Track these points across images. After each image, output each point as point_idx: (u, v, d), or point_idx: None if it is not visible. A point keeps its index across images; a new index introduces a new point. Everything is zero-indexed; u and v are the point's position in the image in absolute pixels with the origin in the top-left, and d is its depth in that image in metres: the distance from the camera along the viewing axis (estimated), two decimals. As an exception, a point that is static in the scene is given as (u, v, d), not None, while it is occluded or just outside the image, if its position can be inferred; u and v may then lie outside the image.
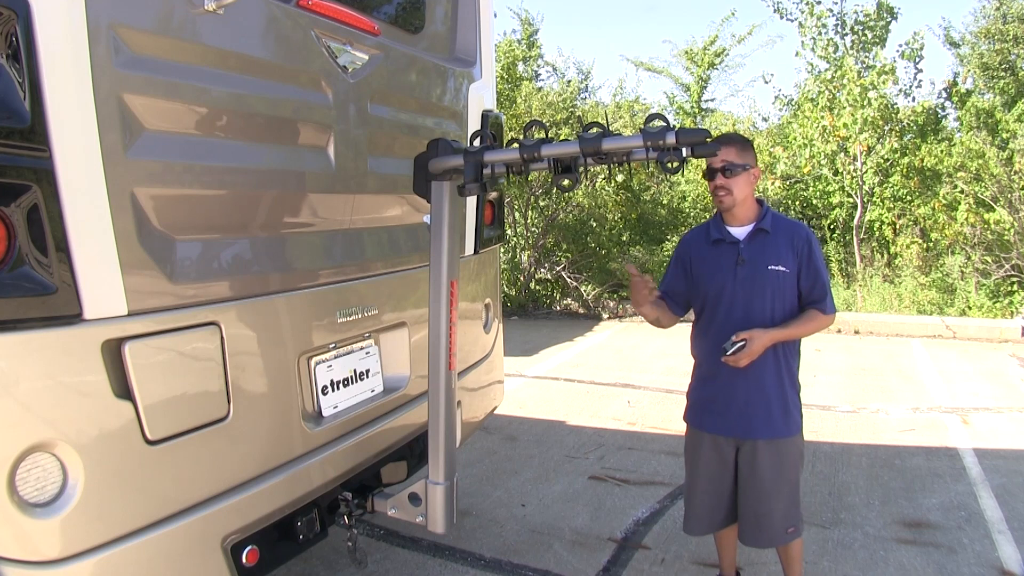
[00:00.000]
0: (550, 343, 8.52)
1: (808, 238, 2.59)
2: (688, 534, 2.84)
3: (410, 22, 2.96)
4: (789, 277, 2.56)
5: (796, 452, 2.65)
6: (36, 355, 1.56)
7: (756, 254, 2.57)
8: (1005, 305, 9.14)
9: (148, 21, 1.78)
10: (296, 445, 2.26)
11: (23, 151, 1.49)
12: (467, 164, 2.20)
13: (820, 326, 2.60)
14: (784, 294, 2.57)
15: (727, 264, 2.60)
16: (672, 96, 16.14)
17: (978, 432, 5.14)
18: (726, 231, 2.64)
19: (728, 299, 2.60)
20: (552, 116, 10.57)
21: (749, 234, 2.60)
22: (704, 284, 2.67)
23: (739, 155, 2.53)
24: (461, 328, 2.85)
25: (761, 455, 2.59)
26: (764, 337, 2.49)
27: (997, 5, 12.56)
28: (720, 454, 2.67)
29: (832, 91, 10.40)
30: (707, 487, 2.73)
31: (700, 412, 2.73)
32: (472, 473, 4.41)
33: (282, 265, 2.28)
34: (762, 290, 2.56)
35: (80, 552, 1.63)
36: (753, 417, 2.58)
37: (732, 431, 2.63)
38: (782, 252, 2.56)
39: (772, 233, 2.59)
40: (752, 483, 2.62)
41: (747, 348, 2.47)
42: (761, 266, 2.56)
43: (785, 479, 2.61)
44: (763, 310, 2.56)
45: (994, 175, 9.46)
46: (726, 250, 2.62)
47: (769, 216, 2.62)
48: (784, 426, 2.60)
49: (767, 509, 2.62)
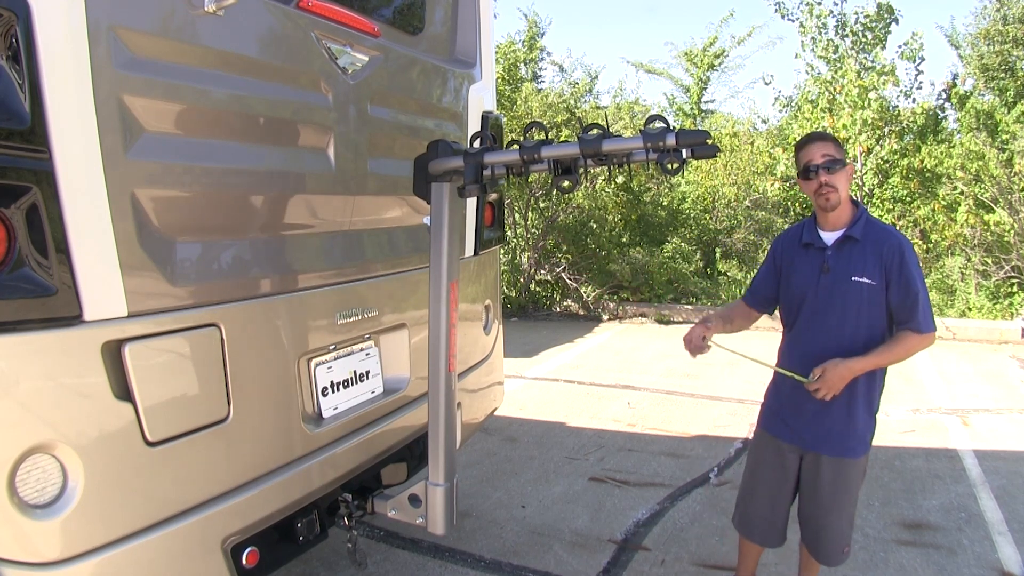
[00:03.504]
0: (550, 344, 8.52)
1: (900, 248, 2.38)
2: (737, 530, 2.80)
3: (410, 23, 2.96)
4: (875, 290, 2.38)
5: (858, 473, 2.55)
6: (36, 356, 1.56)
7: (842, 263, 2.43)
8: (1005, 307, 9.14)
9: (148, 22, 1.78)
10: (296, 446, 2.26)
11: (23, 152, 1.49)
12: (467, 165, 2.20)
13: (915, 348, 2.38)
14: (870, 308, 2.40)
15: (812, 271, 2.49)
16: (672, 97, 16.17)
17: (978, 433, 5.14)
18: (817, 235, 2.50)
19: (809, 308, 2.50)
20: (552, 117, 10.57)
21: (837, 241, 2.45)
22: (789, 289, 2.58)
23: (837, 149, 2.42)
24: (461, 329, 2.85)
25: (824, 470, 2.51)
26: (841, 369, 2.36)
27: (997, 6, 12.56)
28: (782, 460, 2.60)
29: (831, 92, 10.41)
30: (765, 492, 2.68)
31: (769, 415, 2.68)
32: (472, 474, 4.40)
33: (282, 266, 2.28)
34: (843, 302, 2.42)
35: (80, 553, 1.63)
36: (819, 430, 2.49)
37: (797, 440, 2.55)
38: (869, 262, 2.39)
39: (861, 241, 2.42)
40: (813, 495, 2.56)
41: (825, 380, 2.37)
42: (845, 276, 2.41)
43: (844, 498, 2.53)
44: (843, 324, 2.42)
45: (994, 176, 9.47)
46: (814, 256, 2.50)
47: (862, 222, 2.45)
48: (848, 446, 2.49)
49: (824, 524, 2.56)
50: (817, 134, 2.52)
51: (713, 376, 6.65)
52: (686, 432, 5.23)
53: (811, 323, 2.50)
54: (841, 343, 2.43)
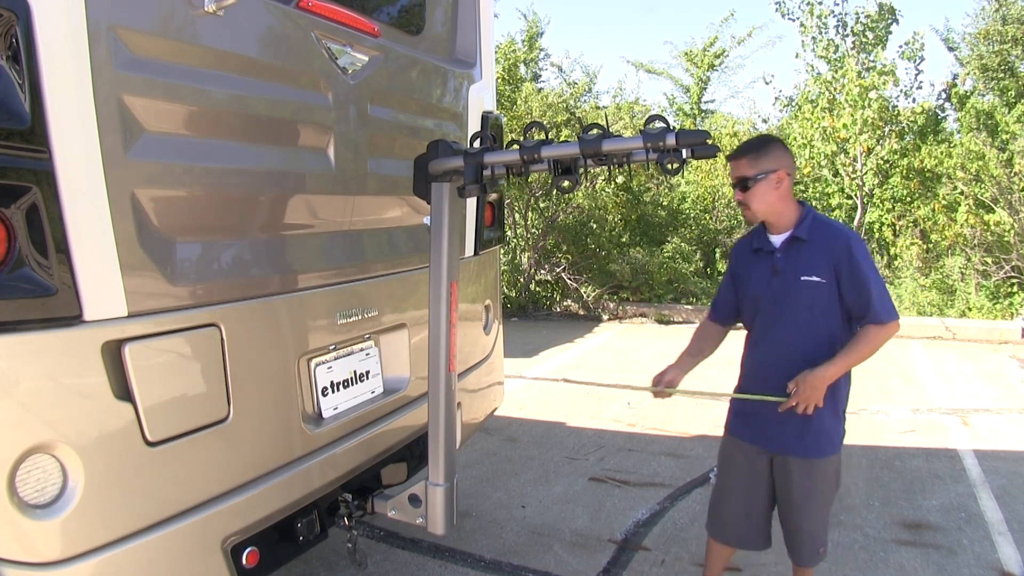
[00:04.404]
0: (550, 344, 8.52)
1: (847, 244, 2.38)
2: (709, 534, 2.79)
3: (410, 23, 2.96)
4: (826, 288, 2.38)
5: (830, 474, 2.53)
6: (36, 356, 1.56)
7: (791, 264, 2.44)
8: (1005, 306, 9.14)
9: (148, 22, 1.78)
10: (296, 446, 2.26)
11: (23, 152, 1.49)
12: (467, 165, 2.20)
13: (880, 341, 2.38)
14: (824, 307, 2.40)
15: (764, 275, 2.50)
16: (672, 97, 16.18)
17: (978, 433, 5.14)
18: (766, 239, 2.52)
19: (764, 312, 2.51)
20: (552, 117, 10.57)
21: (785, 243, 2.46)
22: (745, 295, 2.59)
23: (751, 165, 2.40)
24: (461, 329, 2.85)
25: (794, 472, 2.50)
26: (812, 379, 2.34)
27: (996, 7, 12.56)
28: (752, 463, 2.60)
29: (831, 92, 10.41)
30: (735, 496, 2.67)
31: (734, 419, 2.68)
32: (472, 474, 4.40)
33: (282, 266, 2.28)
34: (796, 303, 2.42)
35: (80, 553, 1.63)
36: (786, 433, 2.48)
37: (763, 443, 2.55)
38: (817, 261, 2.39)
39: (809, 241, 2.42)
40: (786, 497, 2.55)
41: (800, 394, 2.35)
42: (795, 277, 2.42)
43: (816, 500, 2.51)
44: (799, 325, 2.42)
45: (994, 176, 9.47)
46: (764, 260, 2.51)
47: (808, 221, 2.45)
48: (816, 446, 2.47)
49: (798, 526, 2.56)
50: (734, 152, 2.50)
51: (713, 376, 6.64)
52: (686, 432, 5.23)
53: (769, 327, 2.51)
54: (799, 345, 2.43)
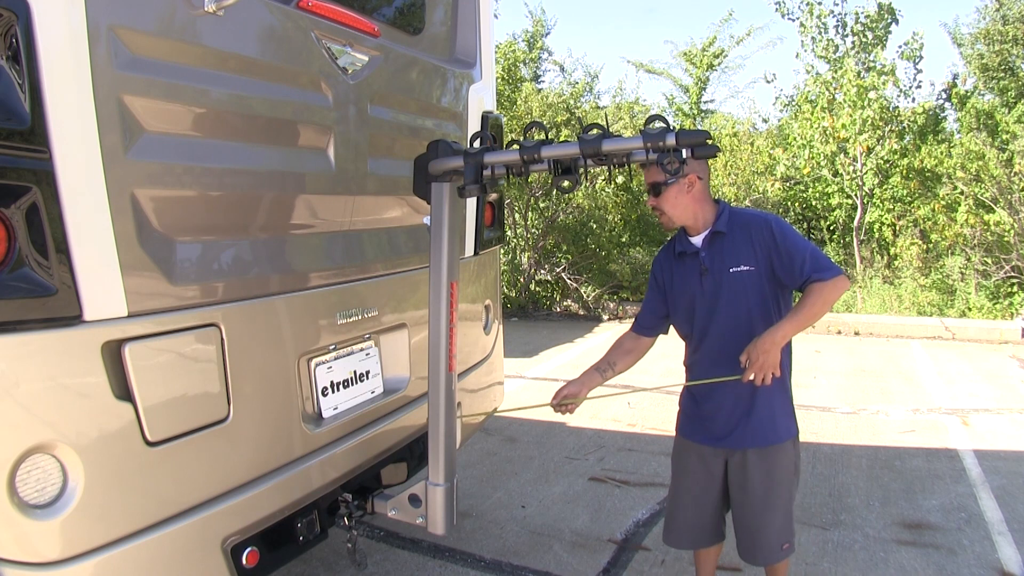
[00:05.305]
0: (550, 344, 8.52)
1: (767, 225, 2.38)
2: (667, 545, 2.74)
3: (410, 23, 2.96)
4: (756, 276, 2.38)
5: (787, 462, 2.49)
6: (36, 356, 1.56)
7: (717, 260, 2.43)
8: (1005, 306, 9.15)
9: (148, 23, 1.78)
10: (296, 446, 2.26)
11: (23, 152, 1.49)
12: (467, 165, 2.20)
13: (829, 297, 2.29)
14: (758, 295, 2.40)
15: (693, 277, 2.48)
16: (671, 97, 16.17)
17: (978, 433, 5.14)
18: (687, 242, 2.50)
19: (700, 312, 2.49)
20: (552, 117, 10.57)
21: (706, 240, 2.45)
22: (676, 302, 2.57)
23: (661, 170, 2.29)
24: (461, 329, 2.85)
25: (751, 466, 2.47)
26: (763, 343, 2.27)
27: (997, 6, 12.57)
28: (706, 466, 2.57)
29: (831, 92, 10.42)
30: (690, 500, 2.63)
31: (686, 421, 2.66)
32: (472, 474, 4.41)
33: (282, 266, 2.28)
34: (730, 296, 2.41)
35: (80, 553, 1.63)
36: (739, 426, 2.46)
37: (718, 441, 2.52)
38: (742, 251, 2.39)
39: (729, 233, 2.42)
40: (744, 497, 2.51)
41: (754, 363, 2.28)
42: (723, 271, 2.41)
43: (777, 492, 2.47)
44: (737, 318, 2.41)
45: (994, 176, 9.47)
46: (690, 262, 2.49)
47: (725, 216, 2.44)
48: (772, 432, 2.45)
49: (760, 524, 2.51)
50: None
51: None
52: (686, 432, 5.23)
53: (708, 327, 2.48)
54: (743, 335, 2.39)
